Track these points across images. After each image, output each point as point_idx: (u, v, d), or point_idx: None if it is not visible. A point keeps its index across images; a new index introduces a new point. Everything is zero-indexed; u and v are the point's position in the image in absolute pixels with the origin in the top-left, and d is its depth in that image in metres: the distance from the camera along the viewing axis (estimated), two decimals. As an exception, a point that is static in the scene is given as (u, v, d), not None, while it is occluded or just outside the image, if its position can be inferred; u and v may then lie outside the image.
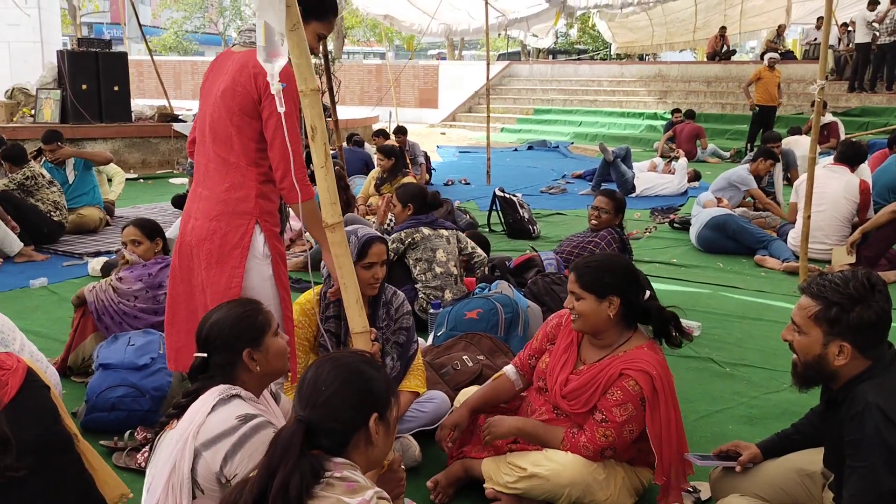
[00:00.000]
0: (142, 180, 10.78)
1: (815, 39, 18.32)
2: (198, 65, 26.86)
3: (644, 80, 20.45)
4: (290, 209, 2.75)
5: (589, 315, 2.50)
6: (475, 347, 3.43)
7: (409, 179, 7.28)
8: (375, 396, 1.74)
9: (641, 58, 28.06)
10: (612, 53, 25.70)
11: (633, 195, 9.52)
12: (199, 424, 1.95)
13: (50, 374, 2.80)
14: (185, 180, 10.05)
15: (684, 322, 4.39)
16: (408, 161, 8.53)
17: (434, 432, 2.81)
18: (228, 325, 2.15)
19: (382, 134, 10.68)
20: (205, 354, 2.16)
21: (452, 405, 3.01)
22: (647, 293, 2.57)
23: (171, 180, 10.87)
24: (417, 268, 4.37)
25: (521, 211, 7.16)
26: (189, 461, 1.91)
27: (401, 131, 10.32)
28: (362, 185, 8.08)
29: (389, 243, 4.36)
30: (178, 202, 7.87)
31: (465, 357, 3.33)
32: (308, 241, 6.48)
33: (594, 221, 4.72)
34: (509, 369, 2.82)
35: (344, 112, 9.27)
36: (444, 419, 2.77)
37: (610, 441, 2.44)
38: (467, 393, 2.94)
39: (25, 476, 1.94)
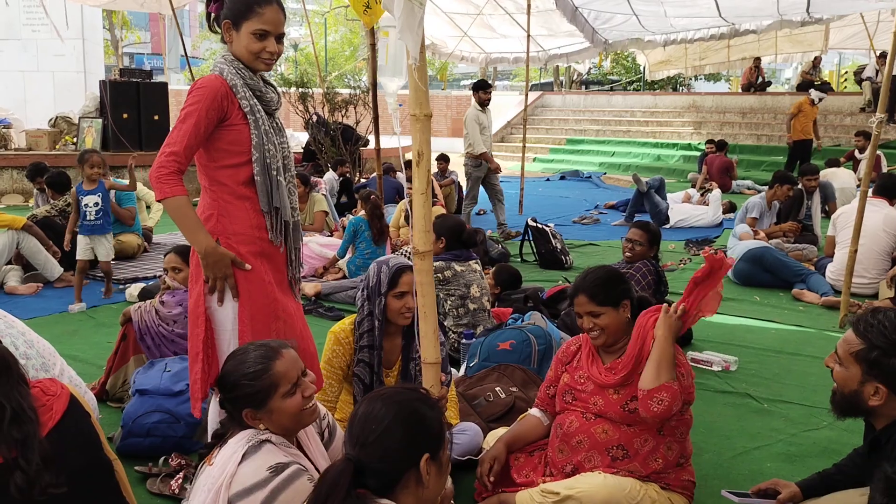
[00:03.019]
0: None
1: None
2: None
3: (678, 110, 20.38)
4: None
5: (611, 325, 2.62)
6: (508, 379, 3.42)
7: (438, 209, 7.30)
8: (427, 436, 1.69)
9: (675, 88, 28.00)
10: (644, 83, 25.67)
11: (667, 226, 9.45)
12: (232, 474, 1.95)
13: (88, 399, 2.83)
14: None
15: (720, 356, 4.37)
16: (437, 191, 8.58)
17: (465, 464, 2.80)
18: (229, 384, 2.13)
19: (407, 165, 10.75)
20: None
21: (485, 438, 2.99)
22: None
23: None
24: (449, 303, 4.35)
25: (553, 241, 7.14)
26: None
27: (443, 158, 10.39)
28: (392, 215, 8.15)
29: None
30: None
31: (497, 388, 3.31)
32: (341, 268, 6.57)
33: (628, 253, 4.68)
34: (533, 410, 2.89)
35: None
36: (483, 454, 2.75)
37: (665, 405, 2.43)
38: (496, 435, 2.93)
39: (67, 498, 1.97)
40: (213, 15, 2.61)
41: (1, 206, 6.32)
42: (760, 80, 19.81)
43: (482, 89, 8.81)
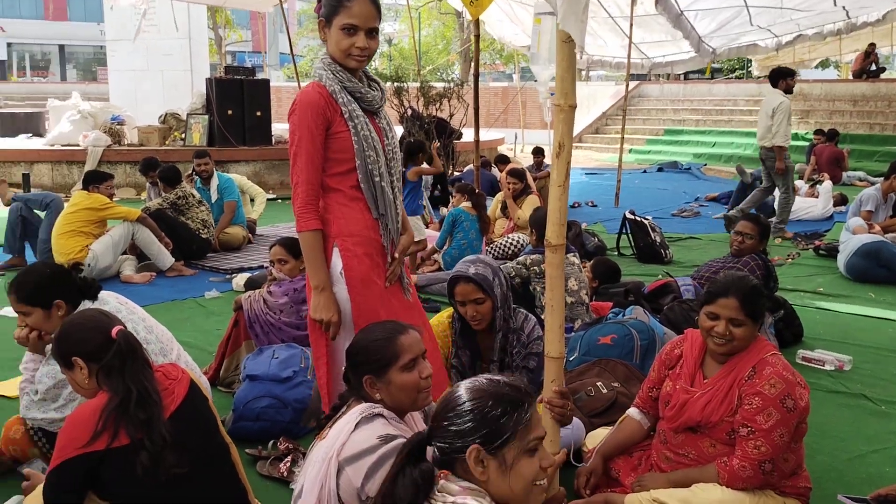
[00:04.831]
0: (280, 200, 11.28)
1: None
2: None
3: (783, 98, 19.52)
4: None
5: (744, 339, 2.49)
6: (609, 374, 3.36)
7: (533, 200, 7.24)
8: (488, 428, 1.65)
9: (780, 76, 26.80)
10: (749, 71, 24.70)
11: (772, 220, 9.07)
12: (344, 442, 2.01)
13: (203, 384, 2.96)
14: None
15: (833, 355, 4.17)
16: (531, 183, 8.51)
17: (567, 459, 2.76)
18: (356, 349, 2.21)
19: (502, 160, 10.70)
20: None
21: (586, 437, 2.95)
22: None
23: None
24: (545, 296, 4.31)
25: (652, 234, 6.98)
26: (334, 477, 1.97)
27: (539, 152, 10.31)
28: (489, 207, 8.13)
29: (512, 268, 4.33)
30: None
31: (599, 383, 3.26)
32: (436, 260, 6.62)
33: (737, 247, 4.52)
34: (632, 412, 2.81)
35: (470, 134, 9.35)
36: (580, 468, 2.72)
37: (763, 452, 2.36)
38: (596, 437, 2.89)
39: (188, 478, 2.07)
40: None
41: (116, 199, 6.65)
42: (874, 66, 18.71)
43: (790, 76, 8.23)
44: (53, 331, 2.77)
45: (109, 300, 2.94)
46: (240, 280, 6.05)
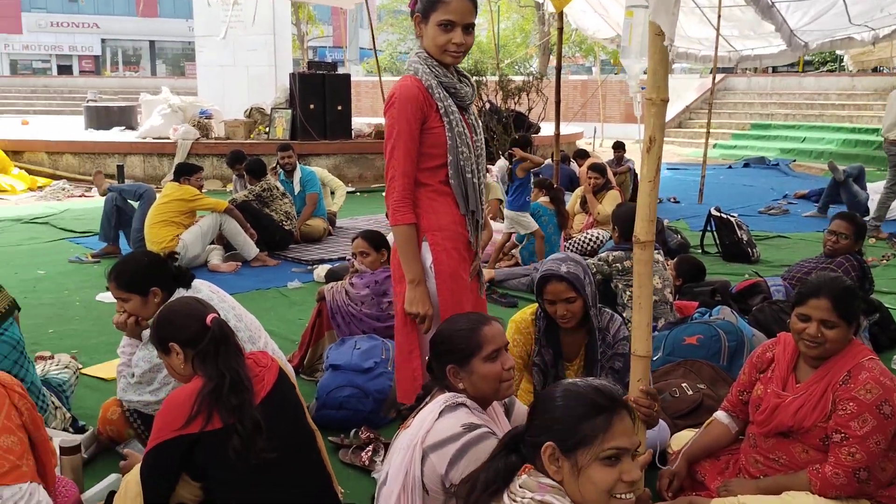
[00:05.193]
0: (359, 193, 11.45)
1: None
2: (409, 84, 28.07)
3: (879, 92, 18.59)
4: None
5: (837, 341, 2.39)
6: (695, 375, 3.28)
7: (614, 195, 7.12)
8: (565, 428, 1.65)
9: (876, 69, 25.62)
10: (842, 65, 23.66)
11: (867, 218, 8.67)
12: (428, 429, 2.03)
13: (289, 372, 3.03)
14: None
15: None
16: (611, 178, 8.37)
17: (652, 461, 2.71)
18: (441, 338, 2.22)
19: (581, 154, 10.55)
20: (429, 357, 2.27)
21: (670, 438, 2.89)
22: None
23: (385, 194, 11.43)
24: (628, 293, 4.24)
25: (738, 232, 6.77)
26: (419, 464, 1.99)
27: (619, 146, 10.15)
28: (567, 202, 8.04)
29: (593, 265, 4.26)
30: (393, 215, 8.24)
31: (684, 384, 3.19)
32: (514, 255, 6.59)
33: (831, 247, 4.34)
34: (720, 414, 2.73)
35: (549, 128, 9.28)
36: (663, 469, 2.66)
37: (858, 459, 2.27)
38: (681, 438, 2.82)
39: (277, 464, 2.12)
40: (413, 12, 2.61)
41: (204, 191, 6.87)
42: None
43: None
44: (150, 317, 2.89)
45: (202, 288, 3.03)
46: (321, 271, 6.16)
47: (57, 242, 7.68)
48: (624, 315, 4.16)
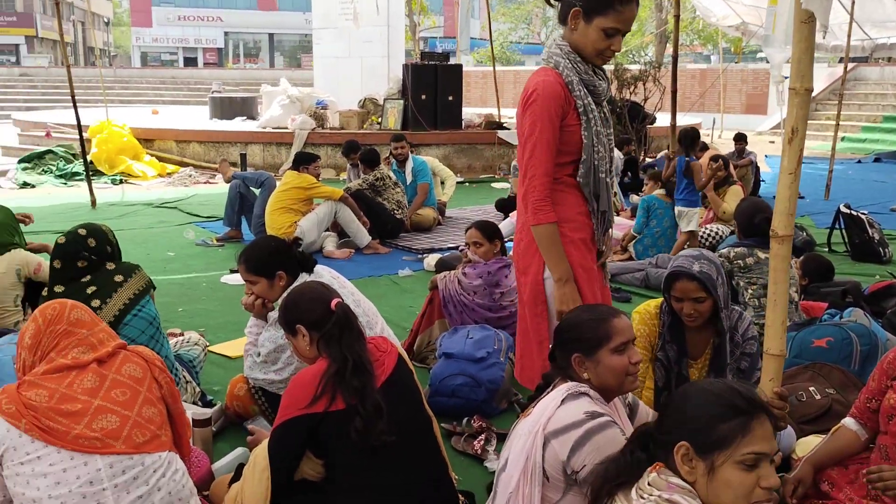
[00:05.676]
0: (467, 183, 11.51)
1: None
2: (520, 74, 27.99)
3: None
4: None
5: None
6: (824, 379, 3.12)
7: (736, 190, 6.85)
8: (700, 428, 1.60)
9: None
10: None
11: None
12: (550, 416, 2.02)
13: (406, 358, 3.09)
14: (507, 184, 10.53)
15: None
16: (732, 172, 8.05)
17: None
18: (566, 327, 2.22)
19: (700, 147, 10.18)
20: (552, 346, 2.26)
21: (796, 442, 2.77)
22: None
23: (494, 184, 11.47)
24: (749, 292, 4.07)
25: (869, 231, 6.38)
26: (540, 450, 1.99)
27: (741, 138, 9.78)
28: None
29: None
30: (501, 206, 8.26)
31: (811, 388, 3.04)
32: (628, 250, 6.46)
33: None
34: (849, 421, 2.58)
35: (664, 119, 9.01)
36: (788, 474, 2.56)
37: None
38: (807, 444, 2.69)
39: (396, 447, 2.17)
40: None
41: (320, 179, 7.09)
42: None
43: None
44: (275, 299, 3.01)
45: (324, 274, 3.14)
46: (431, 260, 6.23)
47: (184, 226, 8.10)
48: (745, 314, 4.01)
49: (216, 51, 52.55)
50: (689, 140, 6.19)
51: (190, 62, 50.70)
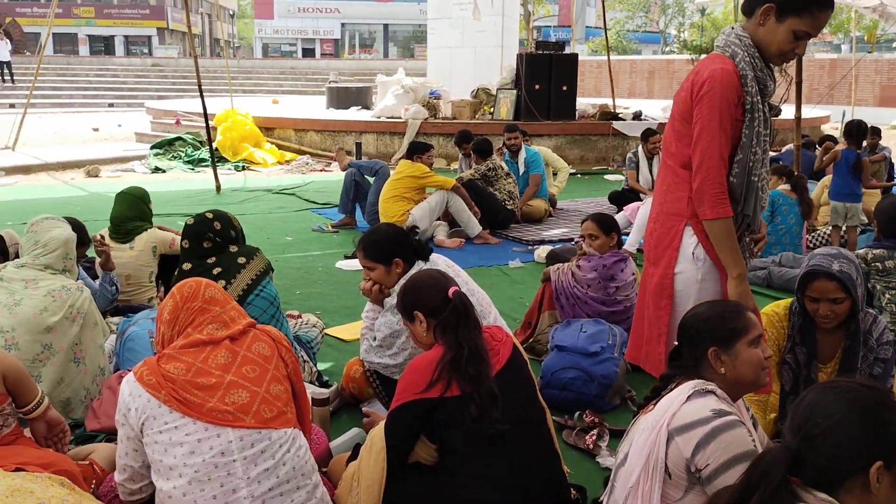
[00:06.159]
0: (580, 175, 11.36)
1: None
2: (636, 63, 27.32)
3: None
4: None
5: None
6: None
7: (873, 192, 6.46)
8: (884, 442, 1.49)
9: None
10: None
11: None
12: (675, 412, 1.98)
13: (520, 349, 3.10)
14: (620, 177, 10.33)
15: None
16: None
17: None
18: (701, 319, 2.15)
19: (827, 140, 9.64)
20: (678, 343, 2.20)
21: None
22: None
23: (606, 177, 11.27)
24: (887, 296, 3.84)
25: None
26: (663, 446, 1.95)
27: (875, 132, 9.21)
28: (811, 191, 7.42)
29: None
30: (615, 198, 8.11)
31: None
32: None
33: None
34: None
35: (789, 110, 8.56)
36: None
37: None
38: None
39: (509, 436, 2.18)
40: None
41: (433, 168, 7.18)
42: None
43: None
44: (392, 286, 3.08)
45: (439, 262, 3.17)
46: (542, 252, 6.19)
47: (301, 212, 8.39)
48: (881, 317, 3.79)
49: (333, 42, 53.98)
50: (860, 133, 5.88)
51: (308, 53, 52.32)
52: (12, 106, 22.22)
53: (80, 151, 13.39)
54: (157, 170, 11.82)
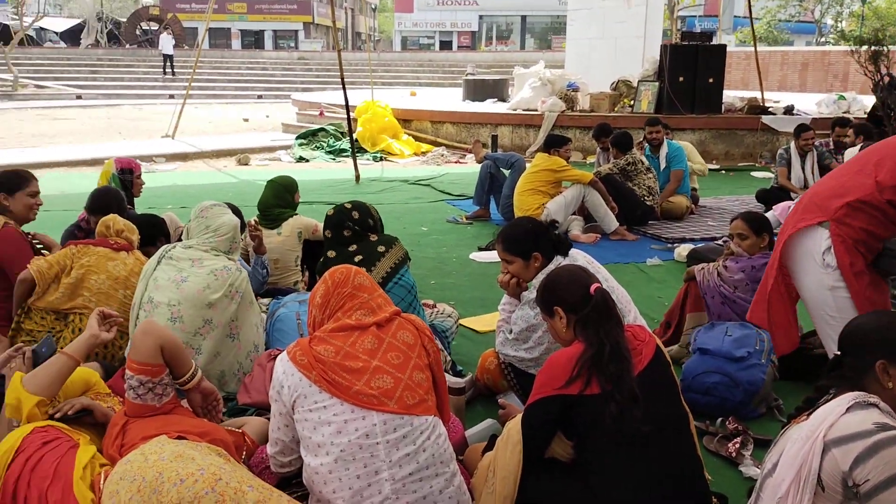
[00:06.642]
0: (724, 171, 10.89)
1: None
2: (788, 55, 25.84)
3: None
4: None
5: None
6: None
7: None
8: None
9: None
10: None
11: None
12: (832, 423, 1.87)
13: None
14: (770, 174, 9.83)
15: None
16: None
17: None
18: (866, 331, 2.03)
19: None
20: (839, 353, 2.08)
21: None
22: None
23: (754, 173, 10.74)
24: None
25: None
26: (818, 457, 1.85)
27: None
28: None
29: None
30: (763, 196, 7.72)
31: None
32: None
33: None
34: None
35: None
36: None
37: None
38: None
39: (650, 439, 2.12)
40: None
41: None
42: None
43: None
44: (530, 279, 3.07)
45: (578, 257, 3.14)
46: (682, 250, 5.99)
47: (436, 203, 8.52)
48: None
49: (470, 34, 54.37)
50: None
51: (445, 45, 52.99)
52: (171, 97, 23.92)
53: (232, 141, 14.20)
54: (301, 159, 12.35)
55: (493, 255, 6.01)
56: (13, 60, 26.57)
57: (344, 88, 10.03)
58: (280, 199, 4.64)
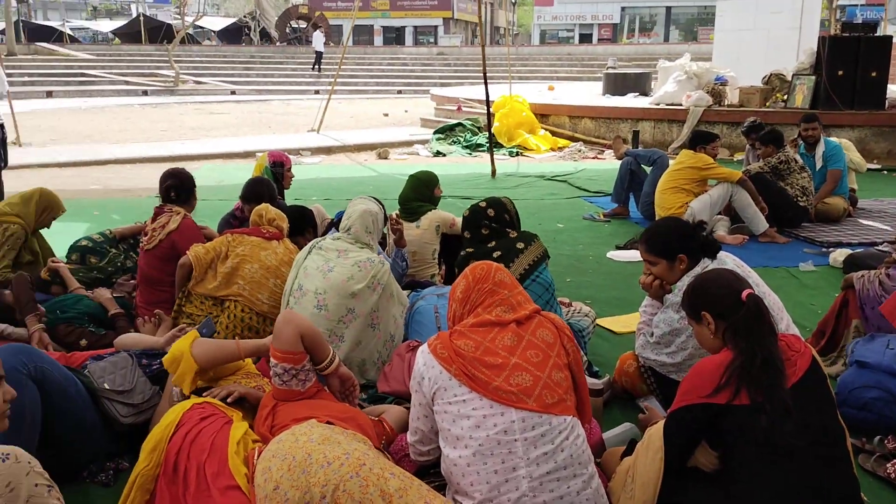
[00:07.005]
0: (885, 171, 10.11)
1: None
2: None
3: None
4: None
5: None
6: None
7: None
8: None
9: None
10: None
11: None
12: None
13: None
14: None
15: None
16: None
17: None
18: None
19: None
20: None
21: None
22: None
23: None
24: None
25: None
26: None
27: None
28: None
29: None
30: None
31: None
32: None
33: None
34: None
35: None
36: None
37: None
38: None
39: (803, 453, 2.02)
40: None
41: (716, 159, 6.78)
42: None
43: None
44: (674, 282, 2.98)
45: (727, 261, 3.02)
46: (838, 255, 5.62)
47: (573, 200, 8.42)
48: None
49: (611, 26, 53.24)
50: None
51: (584, 38, 52.17)
52: (317, 92, 24.94)
53: (372, 135, 14.62)
54: (438, 153, 12.54)
55: (631, 255, 5.87)
56: (175, 58, 28.52)
57: (486, 84, 10.05)
58: (418, 193, 4.73)
